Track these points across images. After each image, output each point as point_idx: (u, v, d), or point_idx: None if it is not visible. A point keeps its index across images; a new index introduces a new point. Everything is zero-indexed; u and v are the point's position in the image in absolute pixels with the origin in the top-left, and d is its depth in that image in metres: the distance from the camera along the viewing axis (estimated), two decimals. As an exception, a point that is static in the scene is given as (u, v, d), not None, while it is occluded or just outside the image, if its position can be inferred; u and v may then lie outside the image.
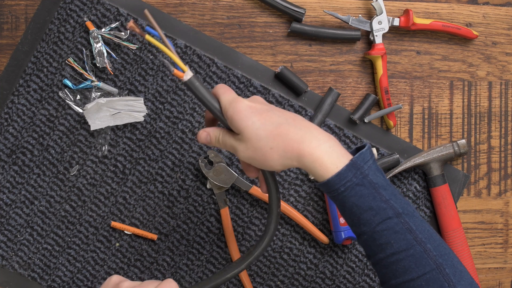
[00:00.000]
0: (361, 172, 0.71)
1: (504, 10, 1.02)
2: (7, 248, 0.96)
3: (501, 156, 1.03)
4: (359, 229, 0.73)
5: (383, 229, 0.72)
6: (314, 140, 0.71)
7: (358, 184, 0.71)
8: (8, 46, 0.95)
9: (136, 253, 0.97)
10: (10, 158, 0.95)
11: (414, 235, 0.72)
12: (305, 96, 0.98)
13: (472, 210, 1.03)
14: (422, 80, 1.01)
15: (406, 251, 0.71)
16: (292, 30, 0.97)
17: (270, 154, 0.71)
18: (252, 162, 0.73)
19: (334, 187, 0.71)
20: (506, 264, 1.04)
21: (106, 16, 0.95)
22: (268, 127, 0.72)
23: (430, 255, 0.71)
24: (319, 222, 0.99)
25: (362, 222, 0.72)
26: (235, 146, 0.74)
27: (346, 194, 0.71)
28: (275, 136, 0.71)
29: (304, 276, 0.99)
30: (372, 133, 0.99)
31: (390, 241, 0.72)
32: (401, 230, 0.72)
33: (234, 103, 0.73)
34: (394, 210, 0.72)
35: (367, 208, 0.71)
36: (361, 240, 0.74)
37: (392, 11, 1.00)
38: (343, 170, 0.70)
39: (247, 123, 0.72)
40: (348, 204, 0.72)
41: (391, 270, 0.72)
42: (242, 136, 0.72)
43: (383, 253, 0.72)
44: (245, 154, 0.73)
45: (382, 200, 0.72)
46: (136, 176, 0.96)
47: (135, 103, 0.93)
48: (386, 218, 0.71)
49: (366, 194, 0.71)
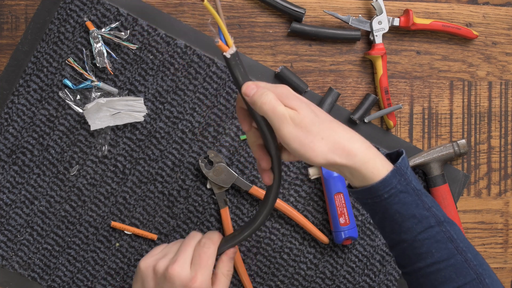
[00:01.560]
0: (405, 178, 0.70)
1: (504, 10, 1.03)
2: (7, 248, 0.96)
3: (501, 156, 1.03)
4: (398, 237, 0.71)
5: (425, 238, 0.70)
6: (363, 143, 0.70)
7: (402, 191, 0.69)
8: (8, 46, 0.95)
9: (136, 253, 0.97)
10: (10, 158, 0.95)
11: (455, 244, 0.71)
12: (305, 96, 0.98)
13: (472, 210, 1.03)
14: (422, 80, 1.01)
15: (447, 261, 0.70)
16: (292, 30, 0.97)
17: (319, 143, 0.68)
18: (293, 144, 0.68)
19: (377, 193, 0.69)
20: (506, 264, 1.04)
21: (106, 16, 0.95)
22: (322, 118, 0.70)
23: (470, 265, 0.70)
24: (319, 222, 0.99)
25: (403, 230, 0.70)
26: (286, 116, 0.67)
27: (390, 201, 0.70)
28: (328, 128, 0.69)
29: (304, 276, 0.99)
30: (372, 133, 0.99)
31: (431, 250, 0.70)
32: (442, 239, 0.70)
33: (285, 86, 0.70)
34: (436, 218, 0.71)
35: (410, 216, 0.70)
36: (399, 248, 0.72)
37: (392, 11, 1.00)
38: (388, 176, 0.69)
39: (303, 104, 0.69)
40: (391, 211, 0.70)
41: (429, 280, 0.71)
42: (297, 113, 0.68)
43: (423, 262, 0.71)
44: (293, 131, 0.67)
45: (425, 208, 0.70)
46: (136, 176, 0.96)
47: (135, 103, 0.93)
48: (429, 226, 0.70)
49: (409, 201, 0.70)
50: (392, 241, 0.73)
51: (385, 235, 0.74)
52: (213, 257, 0.78)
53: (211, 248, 0.79)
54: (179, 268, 0.76)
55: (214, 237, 0.80)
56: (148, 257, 0.80)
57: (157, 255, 0.80)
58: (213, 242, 0.80)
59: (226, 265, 0.82)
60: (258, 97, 0.68)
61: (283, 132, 0.68)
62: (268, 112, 0.68)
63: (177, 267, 0.76)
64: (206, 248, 0.78)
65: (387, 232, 0.73)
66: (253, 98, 0.69)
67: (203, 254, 0.78)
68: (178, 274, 0.76)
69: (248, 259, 0.98)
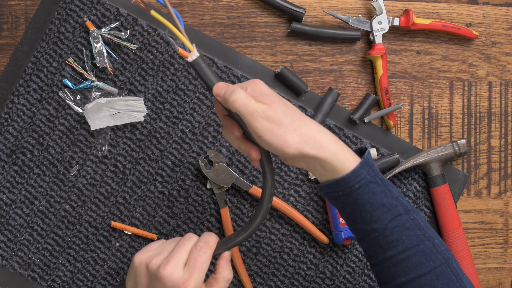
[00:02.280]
0: (373, 169, 0.72)
1: (504, 10, 1.03)
2: (7, 248, 0.96)
3: (501, 156, 1.03)
4: (369, 227, 0.73)
5: (394, 226, 0.72)
6: (332, 136, 0.72)
7: (371, 181, 0.72)
8: (8, 46, 0.95)
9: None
10: (10, 158, 0.95)
11: (423, 231, 0.73)
12: (305, 96, 0.98)
13: (472, 210, 1.03)
14: (422, 80, 1.01)
15: (417, 247, 0.72)
16: (292, 30, 0.97)
17: (292, 134, 0.69)
18: (266, 136, 0.69)
19: (349, 183, 0.71)
20: (506, 264, 1.04)
21: (106, 16, 0.95)
22: (293, 111, 0.72)
23: (438, 250, 0.73)
24: (319, 222, 0.99)
25: (374, 219, 0.72)
26: (258, 110, 0.69)
27: (361, 191, 0.71)
28: (300, 120, 0.71)
29: (304, 276, 0.99)
30: (372, 133, 0.99)
31: (401, 237, 0.72)
32: (411, 227, 0.73)
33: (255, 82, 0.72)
34: (403, 207, 0.73)
35: (380, 205, 0.72)
36: (369, 238, 0.74)
37: (392, 11, 1.00)
38: (358, 167, 0.71)
39: (275, 98, 0.71)
40: (361, 201, 0.72)
41: (401, 267, 0.73)
42: (269, 107, 0.70)
43: (394, 250, 0.73)
44: (265, 124, 0.69)
45: (393, 197, 0.73)
46: (136, 176, 0.96)
47: (135, 103, 0.93)
48: (397, 214, 0.72)
49: (378, 191, 0.72)
50: (363, 233, 0.75)
51: (355, 227, 0.75)
52: (208, 262, 0.78)
53: (207, 253, 0.78)
54: (171, 268, 0.76)
55: (210, 241, 0.80)
56: (143, 253, 0.79)
57: (152, 252, 0.79)
58: (210, 246, 0.79)
59: (226, 268, 0.81)
60: (228, 95, 0.70)
61: (255, 125, 0.69)
62: (240, 108, 0.69)
63: (170, 268, 0.76)
64: (203, 252, 0.78)
65: (358, 223, 0.74)
66: (224, 97, 0.71)
67: (198, 258, 0.77)
68: (170, 275, 0.75)
69: (248, 259, 0.98)
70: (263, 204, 0.80)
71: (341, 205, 0.75)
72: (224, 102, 0.71)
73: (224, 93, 0.71)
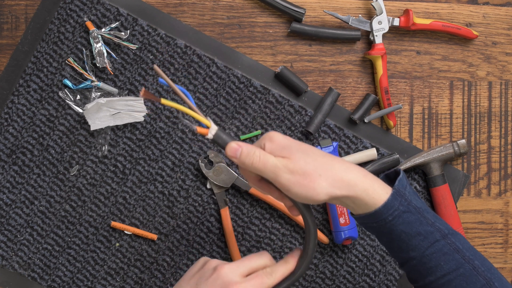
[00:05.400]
0: (405, 199, 0.72)
1: (504, 10, 1.03)
2: (7, 248, 0.96)
3: (501, 156, 1.03)
4: (407, 255, 0.73)
5: (432, 252, 0.72)
6: (360, 171, 0.72)
7: (404, 211, 0.71)
8: (8, 46, 0.95)
9: (136, 253, 0.97)
10: (10, 158, 0.95)
11: (462, 254, 0.73)
12: (305, 96, 0.98)
13: (472, 210, 1.03)
14: (422, 80, 1.01)
15: (456, 271, 0.72)
16: (292, 30, 0.97)
17: (318, 181, 0.69)
18: (294, 189, 0.69)
19: (381, 216, 0.71)
20: (506, 264, 1.04)
21: (106, 16, 0.95)
22: (314, 156, 0.71)
23: (479, 271, 0.72)
24: (319, 222, 0.99)
25: (411, 248, 0.72)
26: (279, 166, 0.69)
27: (395, 222, 0.71)
28: (323, 164, 0.70)
29: (304, 276, 0.99)
30: (372, 133, 0.99)
31: (440, 263, 0.72)
32: (449, 251, 0.72)
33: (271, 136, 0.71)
34: (440, 232, 0.73)
35: (416, 233, 0.72)
36: (409, 265, 0.74)
37: (392, 11, 1.00)
38: (389, 199, 0.71)
39: (293, 148, 0.70)
40: (397, 232, 0.72)
41: None
42: (290, 160, 0.69)
43: (433, 276, 0.73)
44: (290, 178, 0.69)
45: (428, 223, 0.72)
46: (136, 176, 0.96)
47: (135, 103, 0.93)
48: (434, 241, 0.72)
49: (413, 220, 0.72)
50: (402, 259, 0.75)
51: (394, 254, 0.76)
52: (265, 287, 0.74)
53: (270, 280, 0.74)
54: (229, 270, 0.73)
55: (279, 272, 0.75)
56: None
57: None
58: (276, 277, 0.75)
59: None
60: (245, 157, 0.69)
61: (280, 181, 0.69)
62: (261, 169, 0.69)
63: (228, 269, 0.73)
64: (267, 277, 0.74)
65: (395, 251, 0.75)
66: (241, 160, 0.70)
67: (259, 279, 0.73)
68: (225, 274, 0.73)
69: (248, 259, 0.98)
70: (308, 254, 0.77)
71: (377, 234, 0.75)
72: (242, 165, 0.70)
73: (240, 155, 0.70)
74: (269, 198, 0.96)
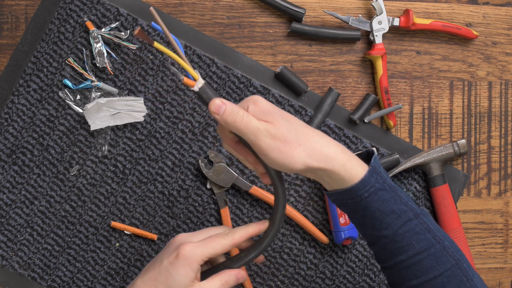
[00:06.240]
0: (381, 177, 0.72)
1: (504, 10, 1.03)
2: (7, 248, 0.96)
3: (501, 156, 1.03)
4: (380, 233, 0.73)
5: (405, 231, 0.73)
6: (339, 146, 0.72)
7: (380, 189, 0.72)
8: (8, 46, 0.95)
9: (136, 253, 0.97)
10: (10, 158, 0.95)
11: (433, 234, 0.73)
12: (305, 96, 0.98)
13: (472, 210, 1.03)
14: (422, 80, 1.01)
15: (428, 250, 0.73)
16: (292, 30, 0.97)
17: (298, 149, 0.69)
18: (272, 154, 0.68)
19: (357, 193, 0.71)
20: (506, 264, 1.04)
21: (106, 16, 0.95)
22: (297, 125, 0.71)
23: (448, 252, 0.73)
24: (319, 222, 0.99)
25: (384, 226, 0.73)
26: (261, 129, 0.68)
27: (370, 199, 0.72)
28: (305, 134, 0.70)
29: (304, 276, 0.99)
30: (372, 133, 0.99)
31: (412, 242, 0.73)
32: (421, 231, 0.73)
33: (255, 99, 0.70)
34: (413, 211, 0.73)
35: (390, 211, 0.72)
36: (379, 244, 0.74)
37: (392, 11, 1.00)
38: (366, 176, 0.71)
39: (276, 114, 0.70)
40: (371, 209, 0.72)
41: (412, 271, 0.73)
42: (272, 125, 0.68)
43: (404, 254, 0.73)
44: (270, 143, 0.68)
45: (402, 202, 0.73)
46: (136, 176, 0.96)
47: (135, 103, 0.93)
48: (407, 220, 0.73)
49: (388, 198, 0.72)
50: (373, 238, 0.75)
51: (366, 232, 0.76)
52: (221, 247, 0.75)
53: (226, 240, 0.75)
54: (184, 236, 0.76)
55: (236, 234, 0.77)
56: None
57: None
58: (235, 238, 0.76)
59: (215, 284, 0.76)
60: (227, 115, 0.68)
61: (259, 144, 0.68)
62: (242, 129, 0.68)
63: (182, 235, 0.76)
64: (223, 237, 0.76)
65: (368, 229, 0.75)
66: (223, 118, 0.68)
67: (216, 239, 0.75)
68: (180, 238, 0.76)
69: (248, 259, 0.98)
70: (275, 223, 0.77)
71: (350, 211, 0.75)
72: (224, 123, 0.69)
73: (222, 113, 0.68)
74: (269, 198, 0.96)
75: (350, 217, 0.76)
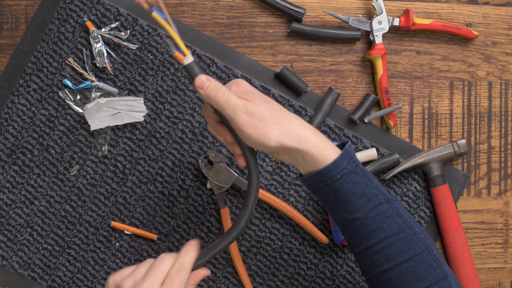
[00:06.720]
0: (353, 160, 0.74)
1: (504, 10, 1.03)
2: (7, 248, 0.96)
3: (501, 156, 1.03)
4: (351, 216, 0.75)
5: (376, 214, 0.74)
6: (313, 129, 0.75)
7: (352, 171, 0.74)
8: (8, 46, 0.95)
9: (136, 253, 0.97)
10: (10, 158, 0.95)
11: (404, 219, 0.75)
12: (305, 96, 0.98)
13: (472, 210, 1.03)
14: (422, 80, 1.01)
15: (398, 234, 0.74)
16: (292, 30, 0.97)
17: (272, 127, 0.72)
18: (247, 129, 0.72)
19: (330, 174, 0.73)
20: (506, 264, 1.04)
21: (106, 16, 0.95)
22: (274, 106, 0.74)
23: (419, 238, 0.75)
24: (319, 222, 0.99)
25: (355, 208, 0.74)
26: (239, 105, 0.72)
27: (342, 181, 0.74)
28: (280, 115, 0.73)
29: (304, 276, 0.99)
30: (372, 133, 0.99)
31: (382, 225, 0.74)
32: (392, 215, 0.75)
33: (238, 81, 0.74)
34: (384, 196, 0.75)
35: (361, 194, 0.74)
36: (351, 228, 0.76)
37: (392, 11, 1.00)
38: (339, 157, 0.73)
39: (256, 95, 0.74)
40: (343, 191, 0.74)
41: (383, 254, 0.75)
42: (251, 103, 0.72)
43: (376, 238, 0.75)
44: (247, 119, 0.72)
45: (373, 187, 0.75)
46: (136, 176, 0.96)
47: (135, 103, 0.93)
48: (378, 203, 0.75)
49: (360, 181, 0.74)
50: (345, 222, 0.76)
51: (338, 216, 0.77)
52: (183, 284, 0.74)
53: (184, 275, 0.74)
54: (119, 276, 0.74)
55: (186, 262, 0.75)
56: (118, 275, 0.76)
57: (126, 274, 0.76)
58: (187, 269, 0.75)
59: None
60: (210, 90, 0.72)
61: (237, 119, 0.72)
62: (223, 103, 0.72)
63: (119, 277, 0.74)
64: (180, 273, 0.74)
65: (340, 213, 0.76)
66: (206, 92, 0.73)
67: (176, 280, 0.73)
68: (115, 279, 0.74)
69: (248, 259, 0.98)
70: (248, 205, 0.79)
71: (323, 196, 0.76)
72: (207, 97, 0.73)
73: (206, 88, 0.73)
74: (269, 198, 0.96)
75: (323, 203, 0.78)
